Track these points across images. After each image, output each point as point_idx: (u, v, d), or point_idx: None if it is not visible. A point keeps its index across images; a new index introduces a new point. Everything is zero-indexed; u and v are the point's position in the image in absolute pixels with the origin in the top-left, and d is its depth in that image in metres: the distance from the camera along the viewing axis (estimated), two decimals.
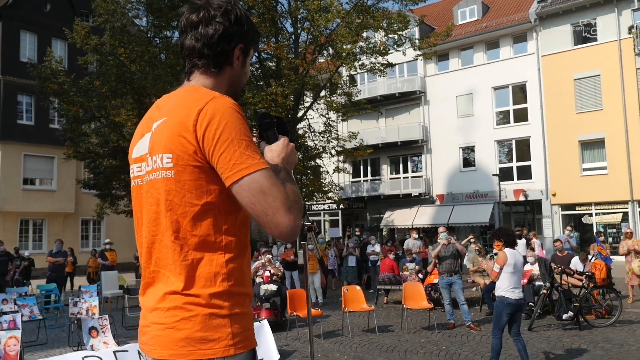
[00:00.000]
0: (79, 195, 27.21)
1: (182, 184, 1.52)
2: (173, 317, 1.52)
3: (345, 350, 8.14)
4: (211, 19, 1.62)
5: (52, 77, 19.61)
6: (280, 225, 1.44)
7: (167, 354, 1.51)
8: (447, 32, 19.05)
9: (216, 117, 1.47)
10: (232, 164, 1.45)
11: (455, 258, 9.91)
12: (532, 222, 26.91)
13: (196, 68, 1.66)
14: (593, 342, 8.05)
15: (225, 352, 1.49)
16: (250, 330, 1.59)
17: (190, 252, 1.53)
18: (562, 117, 24.57)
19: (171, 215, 1.54)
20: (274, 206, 1.43)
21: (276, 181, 1.47)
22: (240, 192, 1.46)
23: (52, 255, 15.36)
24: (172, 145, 1.52)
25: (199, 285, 1.52)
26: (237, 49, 1.66)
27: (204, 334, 1.49)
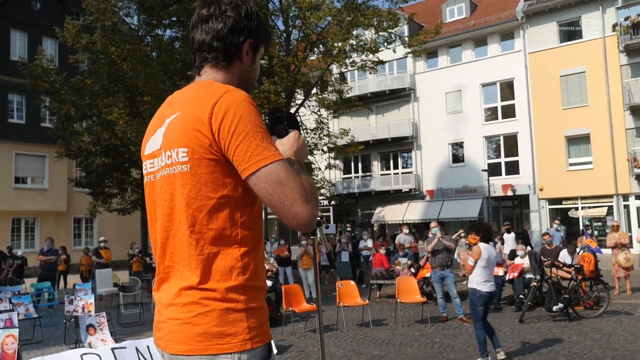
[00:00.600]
0: (71, 194, 27.15)
1: (198, 177, 1.51)
2: (189, 313, 1.51)
3: (341, 344, 8.25)
4: (221, 13, 1.63)
5: (43, 76, 19.59)
6: (299, 215, 1.43)
7: (184, 349, 1.51)
8: (437, 30, 19.34)
9: (231, 109, 1.47)
10: (248, 156, 1.45)
11: (447, 252, 10.10)
12: (520, 216, 27.36)
13: (206, 62, 1.67)
14: (582, 332, 8.21)
15: (242, 347, 1.49)
16: (266, 324, 1.59)
17: (207, 246, 1.52)
18: (549, 113, 25.01)
19: (187, 209, 1.53)
20: (291, 197, 1.43)
21: (292, 172, 1.47)
22: (257, 184, 1.45)
23: (44, 254, 15.40)
24: (187, 139, 1.51)
25: (215, 280, 1.51)
26: (247, 44, 1.66)
27: (220, 328, 1.49)
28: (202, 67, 1.68)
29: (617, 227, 13.13)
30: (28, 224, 26.75)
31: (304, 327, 9.73)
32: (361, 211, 31.57)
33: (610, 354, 6.84)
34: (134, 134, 16.84)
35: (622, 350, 6.99)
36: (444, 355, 7.19)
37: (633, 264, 12.39)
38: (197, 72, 1.70)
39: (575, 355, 6.83)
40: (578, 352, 7.01)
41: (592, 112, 23.98)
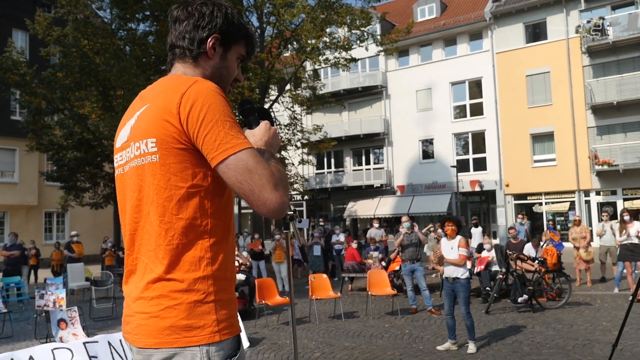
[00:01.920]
0: (42, 188, 26.73)
1: (167, 167, 1.51)
2: (157, 306, 1.49)
3: (313, 336, 8.37)
4: (187, 13, 1.68)
5: (13, 68, 19.16)
6: (268, 202, 1.43)
7: (152, 342, 1.49)
8: (408, 29, 19.75)
9: (199, 99, 1.47)
10: (217, 144, 1.44)
11: (417, 246, 10.33)
12: (487, 211, 28.15)
13: (175, 59, 1.71)
14: (545, 323, 8.53)
15: (210, 339, 1.48)
16: (235, 316, 1.57)
17: (176, 236, 1.51)
18: (515, 111, 25.79)
19: (157, 199, 1.52)
20: (260, 184, 1.42)
21: (261, 160, 1.46)
22: (226, 172, 1.45)
23: (7, 249, 15.21)
24: (155, 130, 1.51)
25: (183, 270, 1.50)
26: (212, 39, 1.67)
27: (189, 321, 1.47)
28: (173, 64, 1.72)
29: (579, 221, 13.70)
30: None
31: (277, 320, 9.90)
32: (334, 206, 31.94)
33: (571, 343, 7.15)
34: (106, 128, 16.76)
35: (582, 339, 7.31)
36: (413, 346, 7.41)
37: (593, 257, 12.94)
38: (168, 68, 1.75)
39: (538, 345, 7.13)
40: (541, 341, 7.31)
41: (555, 111, 24.84)
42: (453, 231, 7.31)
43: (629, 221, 10.97)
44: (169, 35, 1.73)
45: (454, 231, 7.32)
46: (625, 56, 23.41)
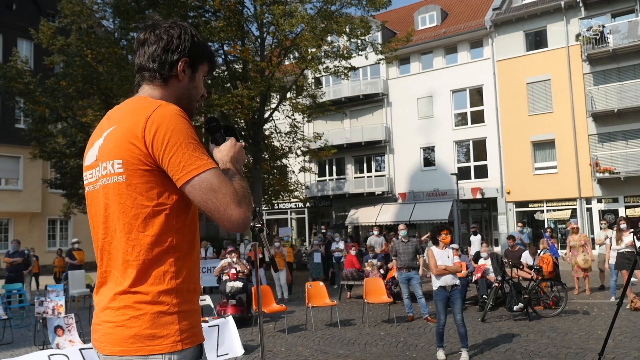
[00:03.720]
0: (45, 195, 26.93)
1: (133, 187, 1.58)
2: (123, 316, 1.57)
3: (308, 344, 8.46)
4: (156, 36, 1.73)
5: (17, 77, 19.34)
6: (232, 218, 1.52)
7: (117, 350, 1.57)
8: (407, 38, 19.85)
9: (163, 123, 1.55)
10: (182, 166, 1.52)
11: (414, 254, 10.40)
12: (489, 219, 28.14)
13: (144, 81, 1.76)
14: (540, 331, 8.57)
15: (172, 348, 1.55)
16: (198, 326, 1.65)
17: (142, 252, 1.58)
18: (516, 119, 25.84)
19: (124, 217, 1.60)
20: (224, 202, 1.51)
21: (224, 179, 1.55)
22: (192, 192, 1.53)
23: (10, 256, 15.35)
24: (121, 152, 1.59)
25: (149, 283, 1.58)
26: (182, 62, 1.74)
27: (152, 331, 1.55)
28: (140, 85, 1.78)
29: (577, 229, 13.67)
30: (2, 225, 26.48)
31: (273, 328, 9.97)
32: (335, 213, 32.00)
33: (564, 351, 7.18)
34: None
35: (576, 348, 7.34)
36: (407, 354, 7.48)
37: (591, 265, 12.92)
38: (136, 89, 1.80)
39: (531, 353, 7.16)
40: (534, 350, 7.34)
41: (556, 119, 24.87)
42: (448, 240, 7.34)
43: (625, 230, 11.00)
44: (136, 57, 1.79)
45: (450, 240, 7.39)
46: (626, 64, 23.43)
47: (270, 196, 24.98)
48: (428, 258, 7.25)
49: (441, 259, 7.16)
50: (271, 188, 24.46)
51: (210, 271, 14.94)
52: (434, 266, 7.11)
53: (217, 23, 17.69)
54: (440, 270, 7.06)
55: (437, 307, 7.16)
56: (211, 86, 17.53)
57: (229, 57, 19.66)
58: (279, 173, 24.89)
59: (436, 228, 7.54)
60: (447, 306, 7.15)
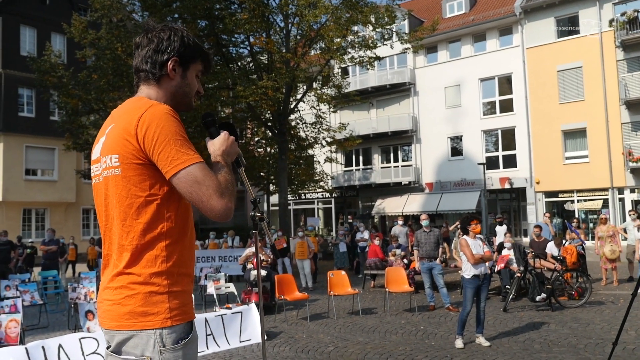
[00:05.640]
0: (79, 185, 27.65)
1: (128, 179, 1.76)
2: (119, 295, 1.75)
3: (329, 331, 8.56)
4: (148, 40, 1.90)
5: (51, 71, 19.90)
6: (215, 208, 1.67)
7: (115, 325, 1.76)
8: (433, 27, 19.59)
9: (154, 122, 1.72)
10: (169, 160, 1.69)
11: (436, 244, 10.41)
12: (518, 209, 27.75)
13: (140, 81, 1.93)
14: (562, 321, 8.50)
15: (162, 324, 1.73)
16: (188, 305, 1.82)
17: (135, 237, 1.76)
18: (546, 107, 25.32)
19: (119, 206, 1.78)
20: (207, 193, 1.67)
21: (208, 172, 1.71)
22: (178, 184, 1.70)
23: (45, 244, 15.93)
24: (118, 147, 1.77)
25: (141, 266, 1.75)
26: (171, 61, 1.89)
27: (145, 308, 1.73)
28: (139, 86, 1.95)
29: (606, 219, 13.42)
30: (38, 214, 27.29)
31: (296, 315, 10.12)
32: (362, 203, 32.03)
33: (584, 342, 7.12)
34: None
35: (596, 338, 7.28)
36: (426, 342, 7.53)
37: (619, 256, 12.72)
38: (135, 90, 1.96)
39: (550, 343, 7.14)
40: (554, 340, 7.31)
41: (588, 107, 24.27)
42: (479, 230, 7.42)
43: None
44: (133, 60, 1.97)
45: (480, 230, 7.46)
46: None
47: (297, 186, 25.16)
48: (462, 247, 7.28)
49: (475, 248, 7.23)
50: (297, 178, 24.63)
51: (236, 260, 15.21)
52: (471, 255, 7.15)
53: (242, 15, 17.82)
54: (478, 259, 7.12)
55: (466, 295, 7.21)
56: (237, 78, 17.72)
57: (255, 48, 19.79)
58: (305, 163, 25.02)
59: (466, 218, 7.60)
60: (474, 295, 7.21)
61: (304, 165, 24.97)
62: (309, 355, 7.19)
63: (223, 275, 11.55)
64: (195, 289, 11.42)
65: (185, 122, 18.33)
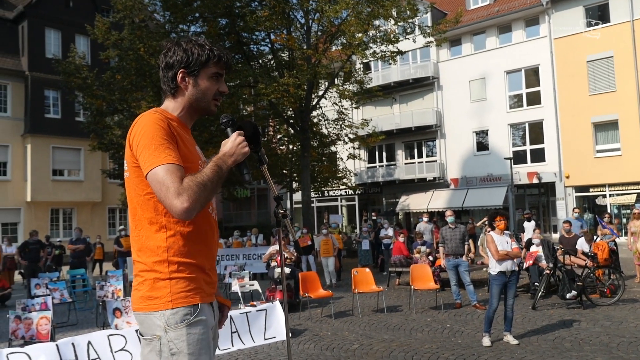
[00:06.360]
0: (105, 185, 28.05)
1: (131, 180, 2.01)
2: (136, 281, 2.02)
3: (354, 328, 8.52)
4: (160, 61, 2.14)
5: (76, 72, 20.14)
6: (172, 208, 1.83)
7: (134, 307, 2.03)
8: (457, 19, 19.21)
9: (139, 129, 1.95)
10: (143, 162, 1.90)
11: (462, 241, 10.24)
12: (547, 204, 27.12)
13: (163, 95, 2.19)
14: (593, 319, 8.26)
15: (165, 306, 1.94)
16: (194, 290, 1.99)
17: (141, 230, 2.00)
18: (575, 99, 24.64)
19: (129, 204, 2.06)
20: (164, 193, 1.83)
21: (172, 173, 1.84)
22: (150, 184, 1.90)
23: (72, 243, 16.20)
24: (126, 153, 2.04)
25: (146, 255, 1.98)
26: (180, 74, 2.09)
27: (151, 293, 1.96)
28: (164, 100, 2.19)
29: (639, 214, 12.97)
30: (66, 214, 27.82)
31: (320, 313, 10.05)
32: (386, 200, 31.76)
33: (617, 340, 6.90)
34: None
35: (630, 337, 7.04)
36: (452, 340, 7.39)
37: None
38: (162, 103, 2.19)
39: (581, 341, 6.92)
40: (585, 338, 7.09)
41: (620, 98, 23.52)
42: (505, 226, 7.28)
43: None
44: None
45: (505, 225, 7.30)
46: None
47: (320, 183, 25.03)
48: (488, 243, 7.19)
49: (501, 244, 7.09)
50: (320, 175, 24.50)
51: (260, 258, 15.17)
52: (495, 251, 7.04)
53: (262, 12, 17.74)
54: (502, 255, 7.00)
55: (492, 292, 7.11)
56: (258, 75, 17.67)
57: (275, 45, 19.70)
58: (327, 160, 24.88)
59: (493, 214, 7.51)
60: (501, 293, 7.08)
61: (327, 162, 24.84)
62: (333, 352, 7.13)
63: (247, 273, 11.53)
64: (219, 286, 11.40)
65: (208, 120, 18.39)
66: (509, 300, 7.09)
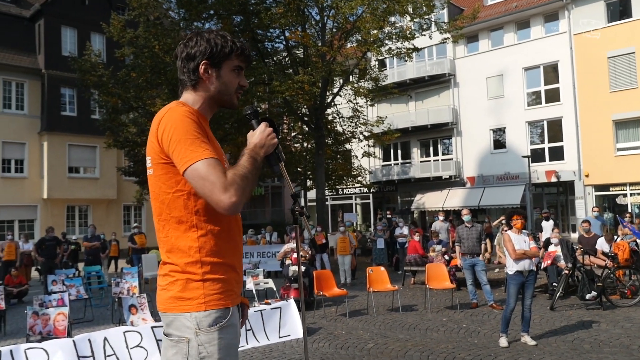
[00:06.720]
0: (120, 183, 28.28)
1: (158, 177, 1.93)
2: (165, 281, 1.94)
3: (369, 327, 8.47)
4: (180, 52, 2.05)
5: (91, 70, 20.30)
6: (219, 203, 1.76)
7: (162, 307, 1.96)
8: (474, 15, 18.93)
9: (169, 123, 1.86)
10: (180, 158, 1.81)
11: (478, 240, 10.11)
12: (565, 203, 26.69)
13: (183, 88, 2.09)
14: (614, 321, 8.12)
15: (197, 308, 1.89)
16: (227, 292, 1.95)
17: (170, 231, 1.94)
18: (595, 96, 24.17)
19: (155, 202, 1.97)
20: (210, 188, 1.76)
21: (214, 167, 1.78)
22: (189, 180, 1.83)
23: (87, 240, 16.34)
24: (150, 149, 1.95)
25: (177, 257, 1.92)
26: (202, 65, 2.00)
27: (182, 294, 1.90)
28: (182, 93, 2.10)
29: None
30: (81, 211, 28.13)
31: (335, 311, 9.99)
32: (401, 198, 31.54)
33: (638, 342, 6.77)
34: None
35: None
36: (468, 340, 7.30)
37: None
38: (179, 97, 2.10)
39: (600, 343, 6.80)
40: (604, 340, 6.97)
41: None
42: (522, 224, 7.19)
43: None
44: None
45: (523, 224, 7.21)
46: None
47: (334, 181, 24.90)
48: (505, 242, 7.11)
49: (518, 244, 7.01)
50: (335, 173, 24.37)
51: (274, 256, 15.10)
52: (512, 250, 6.96)
53: (277, 9, 17.66)
54: (519, 254, 6.91)
55: (509, 291, 7.02)
56: (273, 73, 17.59)
57: (290, 43, 19.61)
58: (342, 158, 24.74)
59: (511, 212, 7.45)
60: (518, 293, 6.98)
61: (342, 160, 24.72)
62: (348, 351, 7.09)
63: (261, 271, 11.50)
64: None
65: (222, 118, 18.37)
66: (527, 300, 6.99)
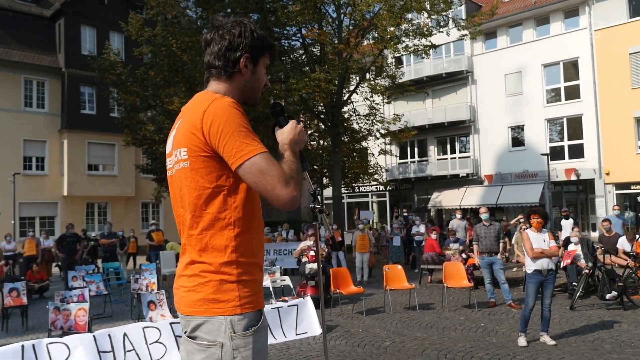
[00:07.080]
0: (138, 180, 28.56)
1: (196, 171, 1.82)
2: (193, 282, 1.83)
3: (386, 325, 8.45)
4: (220, 36, 1.93)
5: (110, 69, 20.58)
6: (280, 197, 1.71)
7: (189, 310, 1.85)
8: (492, 11, 18.75)
9: (218, 114, 1.77)
10: (234, 152, 1.73)
11: (496, 238, 10.01)
12: (585, 201, 26.30)
13: (211, 77, 1.97)
14: (635, 321, 8.00)
15: (232, 311, 1.80)
16: (258, 294, 1.88)
17: (205, 227, 1.83)
18: (616, 93, 23.76)
19: (189, 198, 1.85)
20: (272, 183, 1.71)
21: (272, 161, 1.74)
22: (244, 175, 1.75)
23: (105, 237, 16.54)
24: (186, 141, 1.83)
25: (212, 256, 1.82)
26: (244, 58, 1.93)
27: (216, 296, 1.80)
28: (209, 81, 1.99)
29: None
30: (100, 208, 28.49)
31: (352, 309, 9.98)
32: (417, 196, 31.37)
33: None
34: None
35: None
36: (486, 339, 7.24)
37: None
38: (205, 85, 2.00)
39: (622, 344, 6.70)
40: (626, 340, 6.87)
41: None
42: (540, 224, 7.11)
43: None
44: (204, 56, 1.99)
45: (541, 224, 7.12)
46: None
47: (351, 179, 24.86)
48: (523, 241, 7.05)
49: (537, 242, 6.92)
50: (351, 171, 24.33)
51: (291, 253, 15.14)
52: (530, 249, 6.90)
53: (294, 7, 17.66)
54: (537, 253, 6.84)
55: (528, 290, 6.94)
56: (289, 70, 17.59)
57: (307, 40, 19.60)
58: (358, 156, 24.69)
59: (530, 211, 7.38)
60: (537, 292, 6.90)
61: (358, 158, 24.65)
62: (365, 349, 7.07)
63: (278, 269, 11.53)
64: None
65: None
66: (546, 299, 6.91)
